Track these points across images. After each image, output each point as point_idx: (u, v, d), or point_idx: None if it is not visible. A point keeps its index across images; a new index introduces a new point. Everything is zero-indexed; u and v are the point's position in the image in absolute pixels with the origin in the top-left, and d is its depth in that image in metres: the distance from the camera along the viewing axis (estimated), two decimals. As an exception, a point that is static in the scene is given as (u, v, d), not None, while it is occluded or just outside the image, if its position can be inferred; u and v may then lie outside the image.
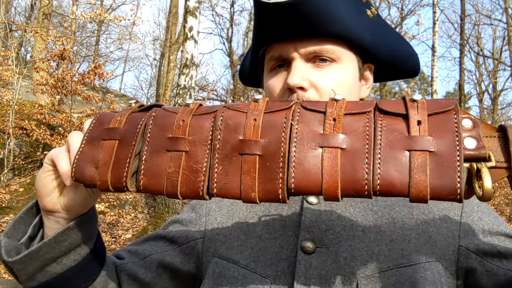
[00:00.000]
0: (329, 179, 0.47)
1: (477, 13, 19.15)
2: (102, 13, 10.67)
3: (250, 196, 0.50)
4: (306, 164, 0.48)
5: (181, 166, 0.53)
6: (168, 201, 7.67)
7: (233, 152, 0.52)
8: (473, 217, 0.71)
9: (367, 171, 0.46)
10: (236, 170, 0.51)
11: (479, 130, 0.47)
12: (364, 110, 0.51)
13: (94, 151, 0.58)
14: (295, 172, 0.48)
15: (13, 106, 7.68)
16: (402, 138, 0.47)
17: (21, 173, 8.03)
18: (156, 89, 20.04)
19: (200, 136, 0.54)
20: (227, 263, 0.76)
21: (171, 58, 16.12)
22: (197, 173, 0.52)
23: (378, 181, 0.46)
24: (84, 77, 7.94)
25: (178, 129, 0.55)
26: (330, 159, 0.48)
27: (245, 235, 0.78)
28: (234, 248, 0.77)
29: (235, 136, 0.53)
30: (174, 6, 16.78)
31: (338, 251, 0.69)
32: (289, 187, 0.48)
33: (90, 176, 0.56)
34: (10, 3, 15.26)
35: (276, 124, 0.52)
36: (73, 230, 0.68)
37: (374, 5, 0.80)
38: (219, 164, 0.52)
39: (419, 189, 0.44)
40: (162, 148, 0.55)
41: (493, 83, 18.84)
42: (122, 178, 0.54)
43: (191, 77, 8.11)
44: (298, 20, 0.71)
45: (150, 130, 0.57)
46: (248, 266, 0.74)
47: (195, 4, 8.21)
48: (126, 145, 0.56)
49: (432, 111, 0.48)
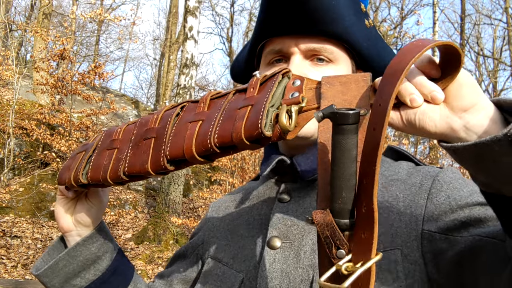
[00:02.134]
0: (187, 143, 0.61)
1: (477, 13, 19.16)
2: (102, 13, 10.66)
3: (145, 167, 0.65)
4: (177, 137, 0.63)
5: (112, 158, 0.72)
6: (168, 201, 7.67)
7: (140, 140, 0.69)
8: (440, 197, 0.69)
9: (210, 131, 0.59)
10: (140, 152, 0.68)
11: (302, 85, 0.58)
12: (226, 92, 0.66)
13: (71, 162, 0.80)
14: (170, 144, 0.64)
15: (13, 105, 7.68)
16: (239, 102, 0.61)
17: (21, 173, 8.03)
18: (156, 89, 20.04)
19: (127, 136, 0.73)
20: (214, 262, 0.83)
21: (171, 58, 16.11)
22: (119, 161, 0.70)
23: (216, 136, 0.58)
24: (84, 77, 7.94)
25: (115, 134, 0.76)
26: (191, 129, 0.62)
27: (231, 234, 0.85)
28: (221, 247, 0.84)
29: (143, 129, 0.71)
30: (174, 6, 16.77)
31: (300, 245, 0.73)
32: (166, 155, 0.63)
33: (64, 179, 0.78)
34: (10, 3, 15.26)
35: (168, 116, 0.69)
36: (85, 244, 0.82)
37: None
38: (131, 150, 0.70)
39: (237, 132, 0.56)
40: (104, 149, 0.75)
41: (493, 83, 18.83)
42: (77, 175, 0.75)
43: (191, 77, 8.10)
44: (302, 16, 0.74)
45: (101, 140, 0.79)
46: (228, 263, 0.80)
47: (195, 4, 8.21)
48: (85, 154, 0.79)
49: (265, 79, 0.62)
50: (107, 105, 9.05)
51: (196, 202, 9.77)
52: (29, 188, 7.52)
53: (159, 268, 6.48)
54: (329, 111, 0.47)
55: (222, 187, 8.24)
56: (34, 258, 6.01)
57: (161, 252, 6.92)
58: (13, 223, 6.70)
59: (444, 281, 0.65)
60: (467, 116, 0.49)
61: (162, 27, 25.13)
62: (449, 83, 0.50)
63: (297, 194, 0.80)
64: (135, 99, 17.44)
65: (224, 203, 0.95)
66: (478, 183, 0.53)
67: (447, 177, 0.73)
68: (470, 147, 0.47)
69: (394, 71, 0.47)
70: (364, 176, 0.46)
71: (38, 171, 8.07)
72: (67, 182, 0.77)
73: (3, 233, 6.34)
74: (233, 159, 7.18)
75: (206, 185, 10.12)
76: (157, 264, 6.64)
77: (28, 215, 7.20)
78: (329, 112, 0.47)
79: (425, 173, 0.75)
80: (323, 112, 0.48)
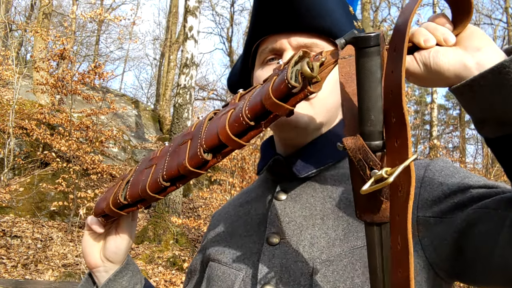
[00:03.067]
0: (221, 130, 0.62)
1: (477, 12, 19.16)
2: (102, 13, 10.66)
3: (182, 165, 0.66)
4: (210, 130, 0.65)
5: (150, 172, 0.72)
6: (168, 201, 7.67)
7: (177, 147, 0.71)
8: (433, 184, 0.70)
9: (241, 110, 0.61)
10: (177, 155, 0.69)
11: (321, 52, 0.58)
12: (218, 110, 0.71)
13: (108, 193, 0.80)
14: (205, 135, 0.66)
15: (13, 105, 7.68)
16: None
17: (21, 172, 8.03)
18: (156, 89, 20.04)
19: (164, 153, 0.75)
20: (215, 264, 0.84)
21: (171, 57, 16.12)
22: (157, 172, 0.71)
23: (247, 112, 0.59)
24: (84, 76, 7.93)
25: (154, 154, 0.79)
26: (223, 119, 0.63)
27: (230, 236, 0.87)
28: (221, 249, 0.86)
29: (180, 139, 0.73)
30: (174, 6, 16.77)
31: (299, 240, 0.74)
32: (202, 145, 0.65)
33: (102, 207, 0.78)
34: (10, 3, 15.26)
35: (202, 121, 0.71)
36: (116, 279, 0.84)
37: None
38: (169, 158, 0.71)
39: (267, 98, 0.57)
40: (143, 169, 0.76)
41: (493, 83, 18.80)
42: (116, 198, 0.75)
43: (191, 77, 8.10)
44: (292, 12, 0.78)
45: (138, 166, 0.81)
46: (227, 263, 0.82)
47: (195, 4, 8.21)
48: (123, 182, 0.80)
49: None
50: (107, 105, 9.05)
51: (196, 202, 9.77)
52: (29, 188, 7.52)
53: (159, 268, 6.48)
54: (351, 35, 0.48)
55: (222, 187, 8.23)
56: (34, 258, 6.01)
57: (161, 252, 6.92)
58: (13, 223, 6.71)
59: (445, 263, 0.66)
60: (479, 54, 0.50)
61: (162, 27, 25.16)
62: (461, 31, 0.54)
63: (293, 192, 0.81)
64: (135, 99, 17.43)
65: (224, 209, 0.97)
66: (486, 130, 0.53)
67: (438, 166, 0.74)
68: (487, 73, 0.48)
69: (404, 15, 0.49)
70: (390, 89, 0.48)
71: (38, 171, 8.07)
72: (106, 208, 0.76)
73: (3, 233, 6.34)
74: (233, 159, 7.18)
75: (206, 185, 10.12)
76: (157, 264, 6.64)
77: (28, 215, 7.20)
78: (351, 37, 0.48)
79: (417, 164, 0.76)
80: (345, 38, 0.49)
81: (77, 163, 7.36)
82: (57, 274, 5.86)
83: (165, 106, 15.79)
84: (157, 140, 13.08)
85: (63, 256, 6.24)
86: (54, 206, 6.72)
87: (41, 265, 5.94)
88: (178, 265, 6.66)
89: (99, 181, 8.55)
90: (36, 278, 5.64)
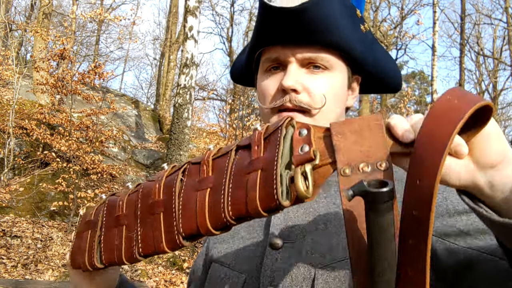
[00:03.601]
0: (200, 218, 0.56)
1: (477, 12, 19.16)
2: (102, 13, 10.66)
3: (160, 246, 0.60)
4: (187, 210, 0.58)
5: (122, 237, 0.67)
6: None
7: (148, 215, 0.64)
8: (437, 199, 0.69)
9: (223, 202, 0.54)
10: (151, 229, 0.62)
11: (310, 135, 0.51)
12: (227, 150, 0.59)
13: (80, 242, 0.76)
14: (181, 219, 0.58)
15: (13, 105, 7.68)
16: (246, 163, 0.54)
17: (21, 172, 8.03)
18: (156, 89, 20.04)
19: (131, 210, 0.68)
20: (217, 265, 0.85)
21: (171, 57, 16.12)
22: (131, 241, 0.65)
23: (229, 208, 0.53)
24: (84, 76, 7.93)
25: (118, 209, 0.70)
26: (200, 200, 0.57)
27: (232, 238, 0.87)
28: (223, 251, 0.86)
29: (147, 201, 0.65)
30: (174, 6, 16.78)
31: (302, 245, 0.74)
32: (180, 233, 0.58)
33: (79, 263, 0.75)
34: (10, 3, 15.27)
35: (170, 183, 0.63)
36: None
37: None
38: (140, 227, 0.64)
39: (252, 204, 0.50)
40: (112, 226, 0.70)
41: (493, 83, 18.83)
42: (92, 260, 0.71)
43: (191, 77, 8.10)
44: (299, 27, 0.77)
45: (104, 215, 0.73)
46: (230, 265, 0.82)
47: (195, 4, 8.21)
48: (93, 233, 0.74)
49: (268, 133, 0.54)
50: (107, 105, 9.05)
51: (196, 202, 9.75)
52: (29, 188, 7.52)
53: (159, 268, 6.48)
54: (361, 189, 0.42)
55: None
56: (34, 258, 6.01)
57: (161, 252, 6.91)
58: (13, 223, 6.71)
59: (443, 286, 0.65)
60: (493, 173, 0.46)
61: (162, 27, 25.14)
62: (474, 136, 0.46)
63: None
64: (135, 99, 17.43)
65: None
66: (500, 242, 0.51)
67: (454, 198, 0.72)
68: (506, 224, 0.44)
69: (433, 144, 0.43)
70: (409, 237, 0.43)
71: (38, 171, 8.07)
72: (83, 267, 0.74)
73: (3, 233, 6.34)
74: (233, 159, 7.18)
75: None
76: (157, 264, 6.64)
77: (28, 215, 7.20)
78: (361, 190, 0.42)
79: None
80: (354, 190, 0.42)
81: (77, 163, 7.36)
82: (57, 274, 5.86)
83: (165, 106, 15.78)
84: (157, 140, 13.08)
85: (63, 256, 6.23)
86: (54, 206, 6.73)
87: (41, 265, 5.94)
88: (178, 265, 6.66)
89: (99, 181, 8.55)
90: (36, 278, 5.64)
